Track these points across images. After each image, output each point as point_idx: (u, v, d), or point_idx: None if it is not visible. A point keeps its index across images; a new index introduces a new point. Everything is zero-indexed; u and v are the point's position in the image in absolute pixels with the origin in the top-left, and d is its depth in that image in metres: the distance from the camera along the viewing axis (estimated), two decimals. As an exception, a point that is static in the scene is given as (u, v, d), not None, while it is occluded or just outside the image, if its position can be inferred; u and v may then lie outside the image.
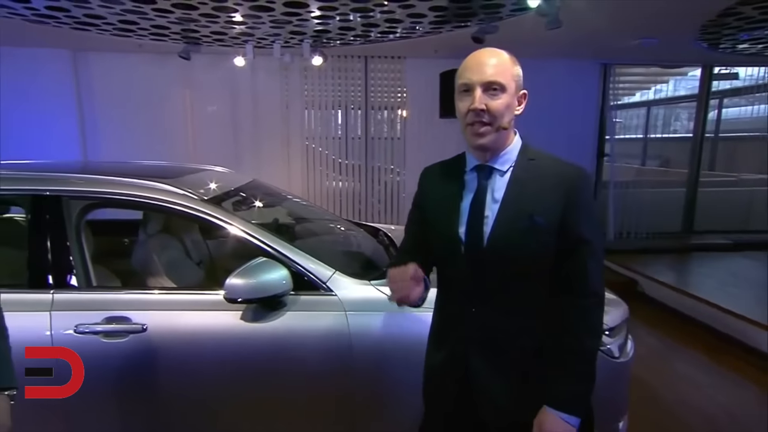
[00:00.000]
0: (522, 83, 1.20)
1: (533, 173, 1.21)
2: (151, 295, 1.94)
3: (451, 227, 1.23)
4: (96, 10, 3.48)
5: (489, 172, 1.23)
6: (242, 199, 2.48)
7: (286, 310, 1.86)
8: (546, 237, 1.16)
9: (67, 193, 1.95)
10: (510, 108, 1.17)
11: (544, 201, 1.17)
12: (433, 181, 1.36)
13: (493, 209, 1.20)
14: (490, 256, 1.19)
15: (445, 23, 3.93)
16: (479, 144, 1.18)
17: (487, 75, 1.14)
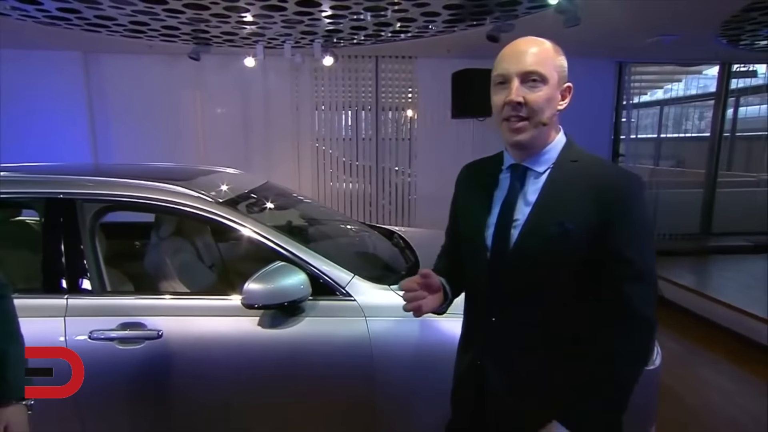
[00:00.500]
0: (566, 75, 1.09)
1: (573, 176, 1.09)
2: (166, 300, 1.89)
3: (478, 229, 1.15)
4: (107, 11, 3.46)
5: (523, 173, 1.13)
6: (256, 202, 2.44)
7: (304, 316, 1.81)
8: (576, 247, 1.04)
9: (81, 196, 1.92)
10: (551, 102, 1.06)
11: (579, 208, 1.05)
12: (468, 179, 1.28)
13: (524, 212, 1.09)
14: (515, 263, 1.09)
15: (460, 22, 3.87)
16: (516, 141, 1.08)
17: (526, 64, 1.04)
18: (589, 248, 1.04)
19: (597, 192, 1.04)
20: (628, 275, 1.03)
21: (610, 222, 1.03)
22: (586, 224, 1.03)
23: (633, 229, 1.04)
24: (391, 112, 5.60)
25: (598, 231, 1.03)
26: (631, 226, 1.04)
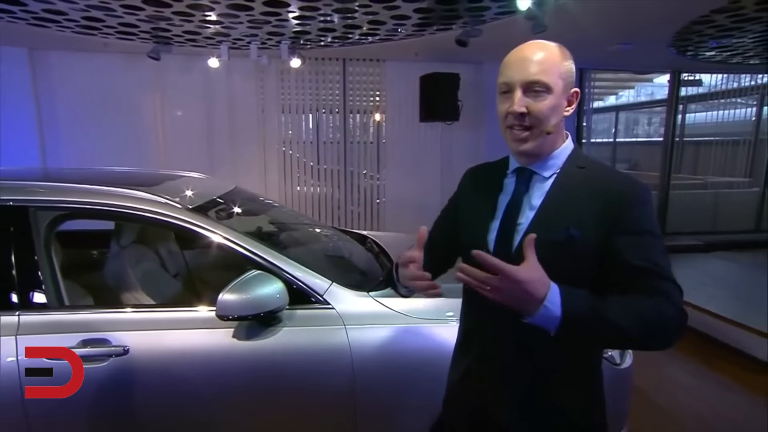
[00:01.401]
0: (574, 80, 1.06)
1: (580, 182, 1.05)
2: (132, 313, 1.76)
3: (480, 233, 1.12)
4: (57, 5, 3.24)
5: (529, 176, 1.10)
6: (226, 208, 2.34)
7: (281, 326, 1.75)
8: (581, 254, 1.01)
9: (34, 203, 1.77)
10: (557, 110, 1.04)
11: (585, 214, 1.02)
12: (472, 182, 1.26)
13: (528, 216, 1.07)
14: None
15: (429, 26, 3.88)
16: (521, 150, 1.06)
17: (530, 73, 1.01)
18: (595, 256, 1.00)
19: (604, 198, 1.01)
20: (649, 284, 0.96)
21: (618, 229, 0.99)
22: (592, 231, 1.00)
23: (639, 237, 1.00)
24: (359, 115, 5.56)
25: (604, 238, 0.99)
26: (636, 233, 1.00)
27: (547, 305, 0.88)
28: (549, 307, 0.88)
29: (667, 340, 0.96)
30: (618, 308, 0.93)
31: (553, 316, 0.88)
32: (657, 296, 0.95)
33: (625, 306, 0.94)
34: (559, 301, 0.89)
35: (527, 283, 0.87)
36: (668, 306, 0.94)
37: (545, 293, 0.88)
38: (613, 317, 0.91)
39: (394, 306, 1.84)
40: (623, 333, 0.91)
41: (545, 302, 0.88)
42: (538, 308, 0.88)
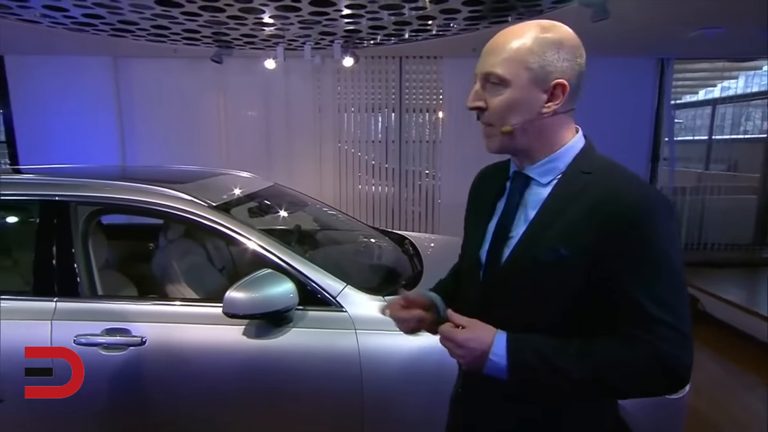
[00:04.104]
0: (558, 70, 0.89)
1: (581, 191, 0.90)
2: (152, 306, 1.84)
3: (475, 244, 1.03)
4: (127, 16, 3.52)
5: (525, 183, 0.97)
6: (257, 206, 2.38)
7: (291, 327, 1.74)
8: (569, 278, 0.88)
9: (74, 199, 1.91)
10: (519, 106, 0.90)
11: (580, 230, 0.87)
12: (478, 186, 1.15)
13: (520, 230, 0.95)
14: (504, 285, 0.95)
15: (482, 19, 3.70)
16: (488, 149, 0.96)
17: (484, 64, 0.91)
18: (587, 282, 0.87)
19: (604, 213, 0.85)
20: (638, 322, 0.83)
21: (618, 252, 0.84)
22: (585, 252, 0.86)
23: (648, 263, 0.84)
24: (415, 113, 5.47)
25: (600, 262, 0.85)
26: (644, 259, 0.84)
27: (492, 358, 0.87)
28: (494, 360, 0.87)
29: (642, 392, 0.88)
30: (575, 352, 0.85)
31: (500, 367, 0.87)
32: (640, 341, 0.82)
33: (586, 349, 0.85)
34: (505, 353, 0.87)
35: (465, 341, 0.89)
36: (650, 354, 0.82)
37: (487, 348, 0.87)
38: (566, 367, 0.84)
39: (410, 312, 1.76)
40: (574, 381, 0.84)
41: (490, 355, 0.87)
42: (485, 361, 0.88)
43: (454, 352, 0.91)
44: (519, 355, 0.86)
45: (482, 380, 0.91)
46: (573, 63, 0.90)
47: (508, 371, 0.86)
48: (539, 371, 0.85)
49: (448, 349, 0.92)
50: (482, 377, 0.90)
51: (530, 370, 0.86)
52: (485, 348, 0.87)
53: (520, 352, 0.86)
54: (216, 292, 2.43)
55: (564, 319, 0.90)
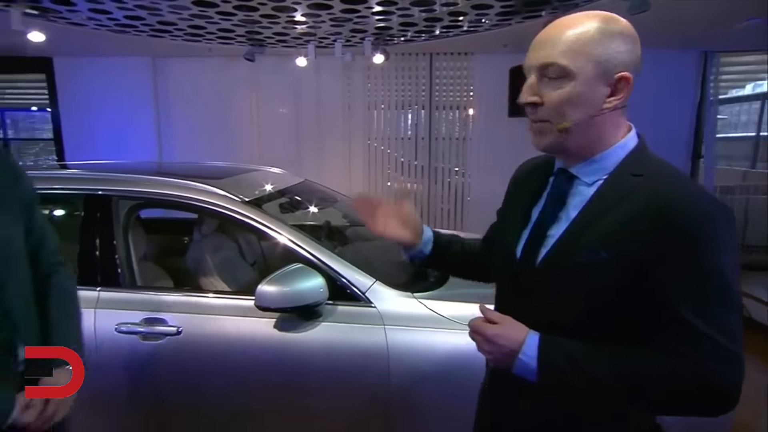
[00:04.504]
0: (623, 62, 0.84)
1: (629, 194, 0.84)
2: (187, 297, 1.91)
3: (511, 240, 0.99)
4: (166, 17, 3.63)
5: (569, 181, 0.93)
6: (288, 201, 2.43)
7: (321, 321, 1.76)
8: (610, 284, 0.83)
9: (116, 193, 1.99)
10: (581, 101, 0.84)
11: (625, 234, 0.82)
12: (518, 179, 1.10)
13: (560, 229, 0.91)
14: (539, 285, 0.92)
15: (514, 14, 3.64)
16: (537, 146, 0.91)
17: (543, 56, 0.84)
18: (629, 289, 0.82)
19: (653, 218, 0.80)
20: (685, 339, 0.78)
21: (666, 261, 0.79)
22: (628, 258, 0.81)
23: (698, 275, 0.78)
24: (445, 110, 5.44)
25: (645, 270, 0.80)
26: (694, 270, 0.78)
27: (522, 358, 0.85)
28: (524, 360, 0.85)
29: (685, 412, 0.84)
30: (608, 359, 0.82)
31: (529, 368, 0.85)
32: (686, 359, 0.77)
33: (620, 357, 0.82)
34: (536, 353, 0.85)
35: (495, 337, 0.87)
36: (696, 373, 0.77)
37: (517, 347, 0.86)
38: (599, 375, 0.82)
39: (438, 309, 1.76)
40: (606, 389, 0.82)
41: (520, 355, 0.85)
42: (514, 360, 0.86)
43: (483, 347, 0.89)
44: (550, 357, 0.84)
45: (511, 378, 0.89)
46: (633, 55, 0.85)
47: (537, 373, 0.84)
48: (570, 376, 0.83)
49: (476, 343, 0.91)
50: (510, 375, 0.88)
51: (560, 373, 0.83)
52: (515, 347, 0.85)
53: (551, 355, 0.84)
54: (247, 286, 2.49)
55: (591, 320, 0.87)
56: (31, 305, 1.19)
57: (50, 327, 1.21)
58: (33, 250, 1.22)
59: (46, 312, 1.21)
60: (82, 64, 4.97)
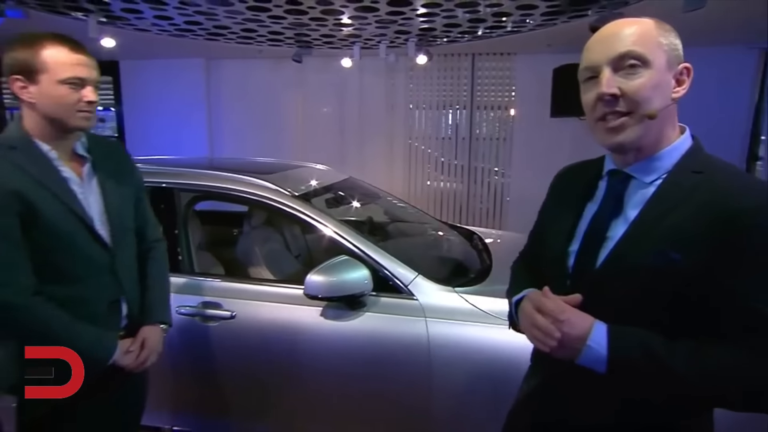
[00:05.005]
0: (681, 55, 0.86)
1: (692, 192, 0.83)
2: (241, 284, 2.04)
3: (561, 243, 0.96)
4: (222, 21, 3.83)
5: (625, 181, 0.91)
6: (334, 196, 2.53)
7: (365, 311, 1.83)
8: (681, 284, 0.81)
9: (178, 186, 2.14)
10: (660, 88, 0.83)
11: (693, 234, 0.81)
12: (560, 185, 1.09)
13: (618, 230, 0.89)
14: (598, 290, 0.88)
15: (560, 14, 3.61)
16: (616, 142, 0.86)
17: (618, 47, 0.83)
18: (699, 291, 0.81)
19: (723, 216, 0.79)
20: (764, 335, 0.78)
21: (738, 260, 0.78)
22: (697, 258, 0.80)
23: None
24: (486, 110, 5.43)
25: (715, 269, 0.79)
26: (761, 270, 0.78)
27: (592, 345, 0.82)
28: (594, 348, 0.82)
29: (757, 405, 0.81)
30: (685, 354, 0.79)
31: (599, 357, 0.82)
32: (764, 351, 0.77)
33: (698, 353, 0.79)
34: (606, 342, 0.82)
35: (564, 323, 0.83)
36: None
37: (584, 334, 0.82)
38: (671, 363, 0.79)
39: (478, 304, 1.80)
40: (682, 383, 0.79)
41: (589, 341, 0.82)
42: (581, 348, 0.82)
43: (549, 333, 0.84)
44: (622, 345, 0.81)
45: (573, 372, 0.86)
46: (682, 50, 0.87)
47: (607, 362, 0.81)
48: (643, 366, 0.80)
49: (539, 329, 0.85)
50: (572, 369, 0.85)
51: (632, 363, 0.81)
52: (582, 333, 0.82)
53: (623, 343, 0.81)
54: (291, 277, 2.61)
55: (655, 320, 0.84)
56: (135, 272, 1.44)
57: (147, 291, 1.46)
58: (139, 227, 1.48)
59: (145, 279, 1.47)
60: (143, 66, 5.31)
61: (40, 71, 1.20)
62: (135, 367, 1.35)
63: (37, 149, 1.26)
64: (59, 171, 1.27)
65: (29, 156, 1.24)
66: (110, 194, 1.35)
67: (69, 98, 1.22)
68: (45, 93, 1.21)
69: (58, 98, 1.22)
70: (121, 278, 1.36)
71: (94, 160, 1.36)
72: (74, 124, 1.26)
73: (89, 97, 1.25)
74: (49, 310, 1.22)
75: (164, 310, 1.50)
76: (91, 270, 1.30)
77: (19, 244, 1.19)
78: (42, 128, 1.26)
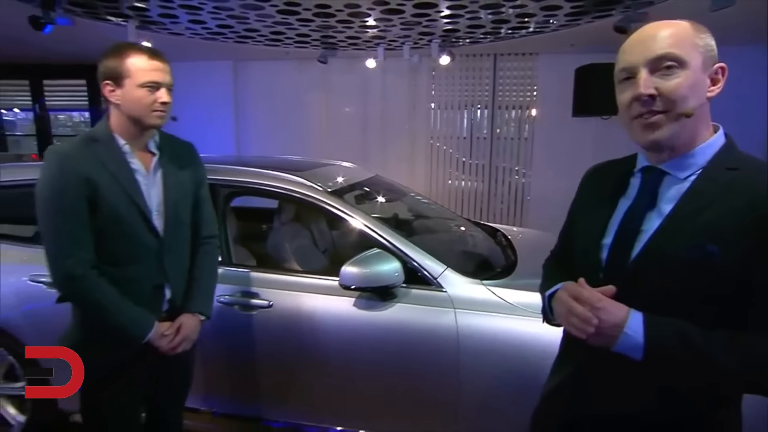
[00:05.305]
0: (716, 55, 0.89)
1: (727, 188, 0.86)
2: (278, 275, 2.13)
3: (592, 244, 0.98)
4: (252, 24, 3.96)
5: (658, 177, 0.93)
6: (364, 193, 2.61)
7: (396, 302, 1.89)
8: (717, 280, 0.83)
9: (217, 182, 2.25)
10: (696, 88, 0.86)
11: (729, 228, 0.83)
12: (591, 183, 1.11)
13: (653, 225, 0.91)
14: (632, 284, 0.90)
15: (584, 14, 3.64)
16: (652, 140, 0.88)
17: (655, 49, 0.86)
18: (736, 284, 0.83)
19: (760, 210, 0.81)
20: None
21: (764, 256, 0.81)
22: (737, 251, 0.82)
23: None
24: (507, 110, 5.47)
25: (751, 263, 0.81)
26: None
27: (628, 332, 0.84)
28: (630, 335, 0.84)
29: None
30: (722, 342, 0.82)
31: (635, 344, 0.84)
32: None
33: (733, 341, 0.82)
34: (642, 329, 0.84)
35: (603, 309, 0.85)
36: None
37: (621, 322, 0.84)
38: (709, 350, 0.81)
39: (505, 296, 1.86)
40: (719, 370, 0.81)
41: (625, 329, 0.84)
42: (618, 336, 0.85)
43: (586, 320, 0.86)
44: (658, 333, 0.83)
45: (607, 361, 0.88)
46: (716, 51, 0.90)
47: (644, 349, 0.83)
48: (679, 354, 0.83)
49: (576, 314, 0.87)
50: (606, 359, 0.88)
51: (669, 351, 0.83)
52: (618, 321, 0.84)
53: (659, 330, 0.83)
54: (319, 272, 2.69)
55: (689, 313, 0.86)
56: (183, 262, 1.57)
57: (193, 281, 1.59)
58: (195, 222, 1.61)
59: (193, 271, 1.60)
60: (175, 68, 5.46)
61: (125, 77, 1.38)
62: (168, 351, 1.46)
63: (115, 143, 1.43)
64: (129, 163, 1.43)
65: (106, 148, 1.41)
66: (170, 189, 1.49)
67: (146, 99, 1.39)
68: (128, 95, 1.38)
69: (138, 99, 1.38)
70: (167, 266, 1.48)
71: (162, 156, 1.51)
72: (149, 122, 1.43)
73: (163, 98, 1.41)
74: (101, 284, 1.38)
75: (205, 302, 1.60)
76: (140, 255, 1.44)
77: (85, 223, 1.36)
78: (123, 125, 1.43)
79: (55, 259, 1.35)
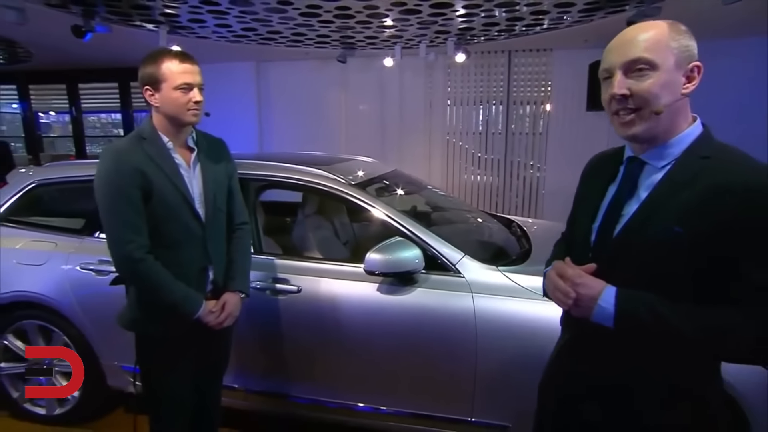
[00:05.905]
0: (693, 54, 0.97)
1: (696, 174, 0.95)
2: (306, 262, 2.28)
3: (586, 221, 1.10)
4: (275, 27, 4.12)
5: (639, 167, 1.04)
6: (384, 186, 2.74)
7: (417, 287, 2.01)
8: (686, 256, 0.93)
9: (248, 176, 2.39)
10: (668, 87, 0.95)
11: (696, 211, 0.92)
12: (590, 172, 1.22)
13: (632, 209, 1.02)
14: (613, 261, 1.01)
15: (598, 10, 3.70)
16: (629, 135, 1.00)
17: (629, 53, 0.95)
18: (703, 262, 0.93)
19: (725, 194, 0.90)
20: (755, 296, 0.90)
21: (741, 234, 0.89)
22: (700, 232, 0.91)
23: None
24: (521, 106, 5.53)
25: (717, 243, 0.91)
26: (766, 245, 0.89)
27: (602, 304, 0.96)
28: (603, 306, 0.96)
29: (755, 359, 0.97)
30: (685, 312, 0.92)
31: (607, 314, 0.96)
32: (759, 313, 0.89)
33: (696, 311, 0.92)
34: (614, 301, 0.95)
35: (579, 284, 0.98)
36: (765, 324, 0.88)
37: (596, 294, 0.97)
38: (674, 319, 0.92)
39: (520, 281, 1.96)
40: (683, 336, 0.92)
41: (599, 301, 0.96)
42: (593, 307, 0.97)
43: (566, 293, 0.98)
44: (627, 304, 0.94)
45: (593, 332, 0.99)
46: (696, 50, 0.98)
47: (615, 319, 0.94)
48: (647, 322, 0.93)
49: (558, 290, 1.00)
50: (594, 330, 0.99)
51: (636, 319, 0.93)
52: (594, 294, 0.96)
53: (628, 302, 0.94)
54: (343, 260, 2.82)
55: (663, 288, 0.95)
56: (222, 246, 1.75)
57: (231, 263, 1.77)
58: (229, 210, 1.78)
59: (230, 253, 1.78)
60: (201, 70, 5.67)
61: (161, 81, 1.55)
62: (215, 325, 1.64)
63: (160, 140, 1.61)
64: (173, 158, 1.61)
65: (153, 145, 1.59)
66: (208, 180, 1.67)
67: (181, 100, 1.55)
68: (165, 98, 1.56)
69: (174, 100, 1.55)
70: (210, 250, 1.66)
71: (200, 151, 1.69)
72: (186, 120, 1.60)
73: (196, 97, 1.57)
74: (157, 266, 1.56)
75: (243, 281, 1.77)
76: (188, 239, 1.62)
77: (141, 211, 1.54)
78: (164, 124, 1.61)
79: (116, 244, 1.53)
